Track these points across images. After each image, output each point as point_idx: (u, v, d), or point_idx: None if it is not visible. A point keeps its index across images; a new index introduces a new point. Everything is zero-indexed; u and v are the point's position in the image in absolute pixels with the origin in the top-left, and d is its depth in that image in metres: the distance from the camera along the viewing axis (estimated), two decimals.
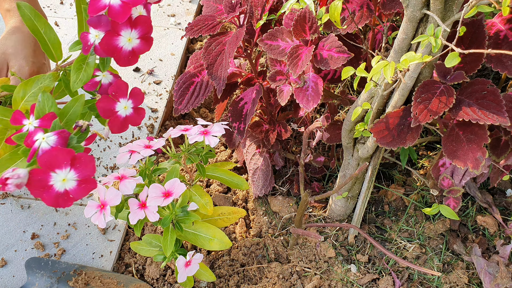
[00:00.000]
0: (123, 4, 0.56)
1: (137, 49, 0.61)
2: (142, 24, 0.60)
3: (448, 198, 0.85)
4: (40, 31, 0.65)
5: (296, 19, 0.82)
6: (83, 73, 0.62)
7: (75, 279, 0.91)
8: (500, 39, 0.75)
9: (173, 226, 0.76)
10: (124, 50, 0.60)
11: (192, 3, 1.56)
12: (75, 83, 0.62)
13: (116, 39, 0.59)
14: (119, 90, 0.63)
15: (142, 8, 0.62)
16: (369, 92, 0.79)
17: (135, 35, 0.60)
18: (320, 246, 1.00)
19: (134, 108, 0.65)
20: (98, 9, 0.56)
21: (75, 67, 0.62)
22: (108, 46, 0.59)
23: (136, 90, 0.65)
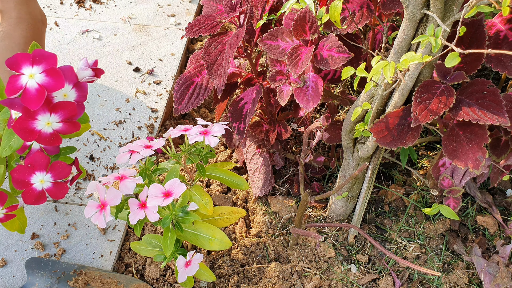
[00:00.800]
0: (39, 89, 0.52)
1: (61, 131, 0.58)
2: (63, 109, 0.56)
3: (448, 198, 0.85)
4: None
5: (296, 19, 0.82)
6: (15, 140, 0.59)
7: (75, 279, 0.91)
8: (500, 39, 0.75)
9: (173, 226, 0.76)
10: (42, 133, 0.56)
11: (192, 3, 1.56)
12: (4, 149, 0.59)
13: (32, 122, 0.55)
14: (36, 162, 0.59)
15: (70, 89, 0.57)
16: (369, 92, 0.79)
17: (55, 119, 0.56)
18: (320, 246, 1.00)
19: (54, 183, 0.61)
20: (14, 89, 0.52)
21: (7, 132, 0.59)
22: (23, 129, 0.55)
23: (58, 164, 0.61)
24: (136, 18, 1.49)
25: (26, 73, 0.52)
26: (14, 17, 0.86)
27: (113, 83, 1.30)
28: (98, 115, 1.23)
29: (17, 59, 0.52)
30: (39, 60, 0.52)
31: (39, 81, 0.52)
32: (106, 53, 1.38)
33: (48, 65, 0.52)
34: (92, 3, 1.53)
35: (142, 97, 1.28)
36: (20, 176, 0.59)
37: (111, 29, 1.45)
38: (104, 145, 1.17)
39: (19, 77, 0.52)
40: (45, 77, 0.52)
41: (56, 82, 0.52)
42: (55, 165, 0.60)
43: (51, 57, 0.52)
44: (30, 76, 0.52)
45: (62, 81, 0.52)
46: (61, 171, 0.61)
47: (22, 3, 0.88)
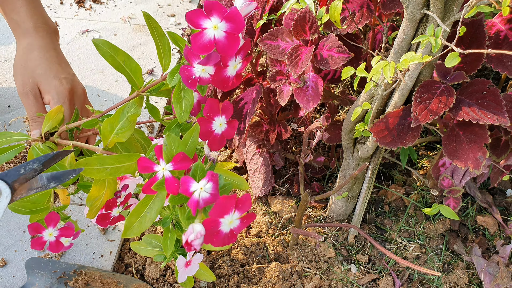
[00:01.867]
0: (228, 36, 0.53)
1: (240, 70, 0.60)
2: (244, 49, 0.58)
3: (448, 198, 0.85)
4: (121, 64, 0.64)
5: (296, 19, 0.82)
6: (185, 102, 0.61)
7: (75, 279, 0.91)
8: (500, 39, 0.75)
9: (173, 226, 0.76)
10: (231, 78, 0.59)
11: (192, 3, 1.56)
12: (181, 114, 0.61)
13: (225, 70, 0.57)
14: (212, 109, 0.62)
15: None
16: (369, 92, 0.79)
17: (239, 60, 0.58)
18: (320, 246, 1.00)
19: (228, 123, 0.64)
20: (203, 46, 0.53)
21: (175, 97, 0.61)
22: (219, 79, 0.57)
23: (226, 104, 0.64)
24: (136, 18, 1.49)
25: (209, 26, 0.52)
26: (31, 26, 0.85)
27: (113, 83, 1.30)
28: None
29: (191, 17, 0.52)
30: (209, 11, 0.52)
31: (224, 29, 0.52)
32: None
33: (221, 12, 0.52)
34: (92, 3, 1.53)
35: None
36: (203, 128, 0.62)
37: (111, 29, 1.45)
38: None
39: (203, 33, 0.53)
40: (226, 23, 0.52)
41: (239, 24, 0.53)
42: (224, 106, 0.63)
43: (218, 5, 0.53)
44: (215, 27, 0.52)
45: (242, 22, 0.53)
46: (230, 110, 0.64)
47: (37, 14, 0.87)
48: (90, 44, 1.40)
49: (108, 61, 0.64)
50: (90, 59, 1.36)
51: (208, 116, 0.62)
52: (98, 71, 1.33)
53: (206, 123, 0.62)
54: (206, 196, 0.53)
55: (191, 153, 0.60)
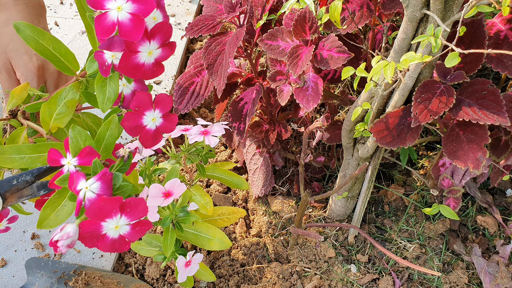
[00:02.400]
0: (133, 18, 0.47)
1: (161, 57, 0.55)
2: (160, 32, 0.52)
3: (448, 198, 0.85)
4: (48, 49, 0.60)
5: (296, 19, 0.82)
6: (109, 90, 0.56)
7: (75, 279, 0.91)
8: (500, 39, 0.75)
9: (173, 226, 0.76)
10: (147, 64, 0.53)
11: (192, 3, 1.56)
12: (103, 103, 0.56)
13: (135, 57, 0.52)
14: (142, 103, 0.56)
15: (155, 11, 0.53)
16: (369, 92, 0.79)
17: (155, 46, 0.53)
18: (320, 246, 1.00)
19: (163, 117, 0.58)
20: (107, 29, 0.48)
21: (98, 84, 0.56)
22: (128, 66, 0.52)
23: (161, 97, 0.58)
24: None
25: (113, 7, 0.47)
26: (10, 2, 0.82)
27: None
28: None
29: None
30: None
31: (129, 10, 0.48)
32: None
33: None
34: None
35: None
36: (131, 123, 0.56)
37: None
38: None
39: (106, 15, 0.47)
40: (133, 4, 0.48)
41: (147, 5, 0.48)
42: (158, 99, 0.57)
43: None
44: (118, 8, 0.47)
45: (152, 3, 0.48)
46: (166, 103, 0.58)
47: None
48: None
49: (32, 45, 0.58)
50: None
51: (138, 110, 0.56)
52: None
53: (134, 117, 0.56)
54: (91, 197, 0.49)
55: (109, 148, 0.55)
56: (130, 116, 0.56)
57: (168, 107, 0.58)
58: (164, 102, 0.58)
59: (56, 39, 0.60)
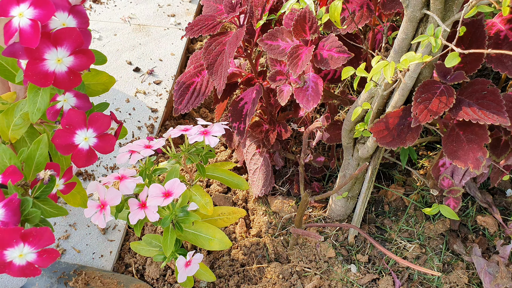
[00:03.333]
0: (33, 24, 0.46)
1: (76, 66, 0.53)
2: (66, 37, 0.50)
3: (448, 198, 0.85)
4: None
5: (296, 19, 0.82)
6: (40, 101, 0.55)
7: (75, 279, 0.91)
8: (500, 39, 0.75)
9: (173, 226, 0.76)
10: (58, 73, 0.51)
11: (192, 3, 1.56)
12: (33, 114, 0.55)
13: (42, 64, 0.50)
14: (73, 121, 0.55)
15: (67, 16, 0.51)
16: (369, 92, 0.79)
17: (64, 53, 0.51)
18: (320, 246, 1.00)
19: (98, 137, 0.57)
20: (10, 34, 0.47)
21: (30, 94, 0.55)
22: (35, 73, 0.50)
23: (96, 116, 0.56)
24: (136, 18, 1.49)
25: (15, 14, 0.47)
26: None
27: None
28: None
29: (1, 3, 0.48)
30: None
31: (29, 16, 0.48)
32: (106, 53, 1.38)
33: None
34: (92, 3, 1.53)
35: (142, 97, 1.28)
36: (62, 141, 0.55)
37: (111, 29, 1.45)
38: None
39: (11, 21, 0.48)
40: (34, 10, 0.48)
41: (47, 10, 0.48)
42: (92, 118, 0.56)
43: None
44: (20, 15, 0.48)
45: (52, 7, 0.48)
46: (102, 123, 0.57)
47: None
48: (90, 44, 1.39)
49: None
50: None
51: (69, 128, 0.55)
52: None
53: (65, 135, 0.55)
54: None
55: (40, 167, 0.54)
56: (61, 134, 0.55)
57: (104, 127, 0.57)
58: (99, 121, 0.56)
59: None
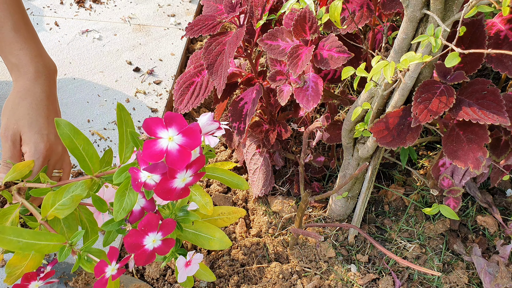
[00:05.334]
0: (181, 150, 0.51)
1: (190, 183, 0.58)
2: (196, 164, 0.56)
3: (448, 198, 0.85)
4: (79, 148, 0.63)
5: (296, 19, 0.82)
6: (127, 201, 0.59)
7: (75, 279, 0.91)
8: (500, 39, 0.75)
9: None
10: (178, 189, 0.57)
11: (192, 3, 1.56)
12: (118, 212, 0.58)
13: (171, 182, 0.55)
14: (149, 224, 0.60)
15: None
16: (369, 92, 0.79)
17: (189, 174, 0.57)
18: (320, 246, 1.00)
19: (163, 240, 0.62)
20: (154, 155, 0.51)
21: (118, 194, 0.59)
22: (163, 189, 0.55)
23: (168, 222, 0.62)
24: (136, 18, 1.49)
25: (164, 136, 0.52)
26: (32, 71, 0.83)
27: (113, 83, 1.30)
28: (98, 115, 1.23)
29: (149, 124, 0.51)
30: (170, 122, 0.52)
31: (179, 142, 0.52)
32: (106, 53, 1.38)
33: (180, 125, 0.52)
34: (92, 3, 1.53)
35: (142, 97, 1.28)
36: (133, 240, 0.59)
37: (111, 29, 1.45)
38: (104, 145, 1.17)
39: (157, 142, 0.52)
40: (182, 137, 0.52)
41: (194, 141, 0.52)
42: (165, 223, 0.61)
43: (179, 117, 0.52)
44: (170, 139, 0.52)
45: (199, 139, 0.52)
46: (170, 228, 0.62)
47: (37, 56, 0.85)
48: (90, 44, 1.40)
49: (65, 142, 0.63)
50: (90, 59, 1.36)
51: (143, 230, 0.59)
52: (98, 71, 1.33)
53: (137, 236, 0.59)
54: None
55: None
56: (134, 234, 0.59)
57: (170, 231, 0.62)
58: (168, 226, 0.61)
59: (87, 140, 0.64)
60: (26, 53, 0.83)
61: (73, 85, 1.29)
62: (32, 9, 1.49)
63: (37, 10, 1.49)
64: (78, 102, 1.26)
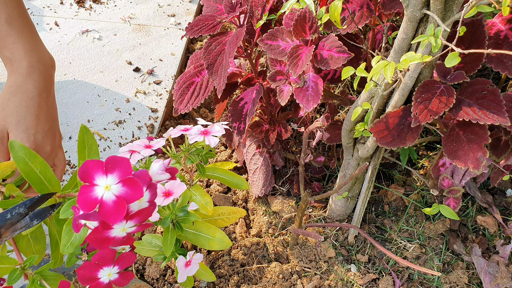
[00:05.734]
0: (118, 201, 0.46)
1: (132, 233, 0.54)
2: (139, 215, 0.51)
3: (448, 198, 0.85)
4: (35, 171, 0.59)
5: (296, 19, 0.82)
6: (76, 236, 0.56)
7: (75, 279, 0.91)
8: (500, 39, 0.75)
9: (173, 226, 0.76)
10: (117, 238, 0.52)
11: (192, 3, 1.56)
12: (65, 246, 0.56)
13: (107, 232, 0.51)
14: (104, 259, 0.56)
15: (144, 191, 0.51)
16: (369, 92, 0.79)
17: (130, 224, 0.52)
18: (320, 246, 1.00)
19: (120, 273, 0.58)
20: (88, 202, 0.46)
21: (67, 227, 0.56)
22: (97, 238, 0.51)
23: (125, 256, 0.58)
24: (136, 18, 1.49)
25: (101, 184, 0.47)
26: (25, 66, 0.79)
27: (113, 83, 1.30)
28: (98, 115, 1.23)
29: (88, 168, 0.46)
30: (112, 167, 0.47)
31: (116, 193, 0.47)
32: (106, 53, 1.38)
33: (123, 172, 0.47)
34: (92, 3, 1.53)
35: (142, 97, 1.28)
36: (87, 273, 0.56)
37: (111, 29, 1.45)
38: (104, 145, 1.17)
39: (93, 188, 0.47)
40: (122, 187, 0.47)
41: (135, 193, 0.47)
42: (121, 257, 0.58)
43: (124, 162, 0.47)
44: (106, 187, 0.47)
45: (140, 191, 0.47)
46: (127, 261, 0.59)
47: (32, 50, 0.80)
48: (90, 44, 1.40)
49: (19, 166, 0.59)
50: (90, 59, 1.36)
51: (97, 263, 0.56)
52: (98, 71, 1.33)
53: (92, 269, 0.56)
54: None
55: None
56: (88, 267, 0.56)
57: (128, 264, 0.58)
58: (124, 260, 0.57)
59: (44, 163, 0.60)
60: (19, 47, 0.80)
61: (73, 85, 1.29)
62: (32, 9, 1.49)
63: (37, 10, 1.49)
64: (78, 102, 1.26)
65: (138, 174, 0.49)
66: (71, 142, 1.17)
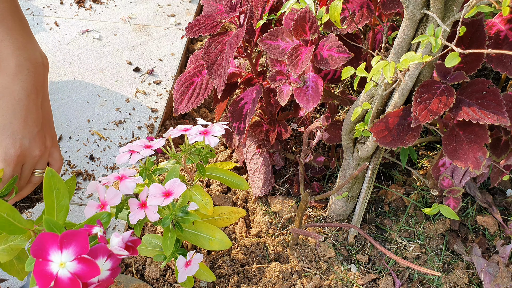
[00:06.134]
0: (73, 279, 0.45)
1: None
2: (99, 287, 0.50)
3: (448, 198, 0.85)
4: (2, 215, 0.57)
5: (296, 19, 0.82)
6: None
7: None
8: (500, 39, 0.75)
9: (173, 226, 0.76)
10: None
11: (192, 3, 1.56)
12: None
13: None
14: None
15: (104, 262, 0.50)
16: (369, 92, 0.79)
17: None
18: (320, 246, 1.00)
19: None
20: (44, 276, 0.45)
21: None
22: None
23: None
24: (136, 18, 1.49)
25: (55, 261, 0.46)
26: (12, 66, 0.74)
27: (113, 83, 1.30)
28: (98, 115, 1.23)
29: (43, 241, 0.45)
30: (68, 242, 0.46)
31: (71, 270, 0.46)
32: (106, 53, 1.38)
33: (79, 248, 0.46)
34: (92, 3, 1.53)
35: (142, 97, 1.28)
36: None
37: (111, 29, 1.45)
38: (104, 145, 1.17)
39: (48, 263, 0.46)
40: (77, 264, 0.46)
41: (91, 270, 0.46)
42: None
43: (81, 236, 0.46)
44: (61, 264, 0.46)
45: (97, 269, 0.47)
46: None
47: (20, 48, 0.75)
48: (90, 44, 1.40)
49: None
50: (90, 59, 1.36)
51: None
52: (98, 71, 1.33)
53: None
54: None
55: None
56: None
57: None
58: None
59: (11, 207, 0.59)
60: (7, 45, 0.75)
61: (73, 85, 1.29)
62: (32, 9, 1.49)
63: (37, 10, 1.49)
64: (78, 102, 1.26)
65: (96, 248, 0.47)
66: (71, 142, 1.17)
